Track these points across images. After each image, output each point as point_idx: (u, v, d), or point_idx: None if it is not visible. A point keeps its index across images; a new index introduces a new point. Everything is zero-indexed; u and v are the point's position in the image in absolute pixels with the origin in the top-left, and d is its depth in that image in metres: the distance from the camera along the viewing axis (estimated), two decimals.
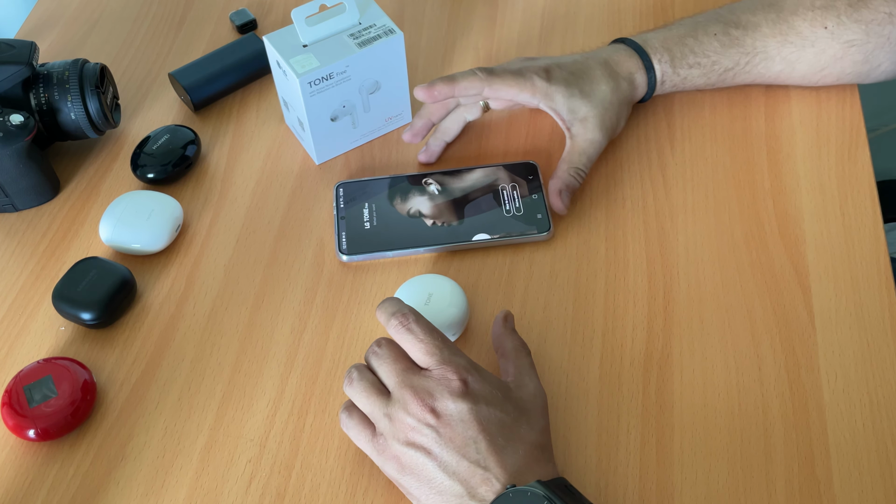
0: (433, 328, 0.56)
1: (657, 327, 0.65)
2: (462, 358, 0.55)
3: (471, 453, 0.51)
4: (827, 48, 0.72)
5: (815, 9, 0.72)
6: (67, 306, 0.67)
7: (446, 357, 0.55)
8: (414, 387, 0.53)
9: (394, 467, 0.54)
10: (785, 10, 0.73)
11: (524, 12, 0.90)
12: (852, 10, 0.71)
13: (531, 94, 0.71)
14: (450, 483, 0.51)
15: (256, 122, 0.82)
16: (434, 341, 0.55)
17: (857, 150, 0.74)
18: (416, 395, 0.53)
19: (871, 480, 0.57)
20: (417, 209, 0.73)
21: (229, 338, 0.67)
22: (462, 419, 0.52)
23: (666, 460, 0.59)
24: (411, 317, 0.56)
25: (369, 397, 0.55)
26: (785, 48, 0.73)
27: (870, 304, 0.65)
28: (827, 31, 0.71)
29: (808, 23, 0.72)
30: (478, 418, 0.52)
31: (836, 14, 0.71)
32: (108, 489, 0.60)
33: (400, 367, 0.55)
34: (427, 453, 0.52)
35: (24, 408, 0.62)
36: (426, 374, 0.54)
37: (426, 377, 0.54)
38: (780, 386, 0.62)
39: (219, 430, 0.62)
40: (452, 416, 0.52)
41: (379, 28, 0.73)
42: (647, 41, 0.74)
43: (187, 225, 0.75)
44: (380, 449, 0.55)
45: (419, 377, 0.54)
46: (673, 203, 0.73)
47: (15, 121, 0.72)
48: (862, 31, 0.71)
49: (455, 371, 0.54)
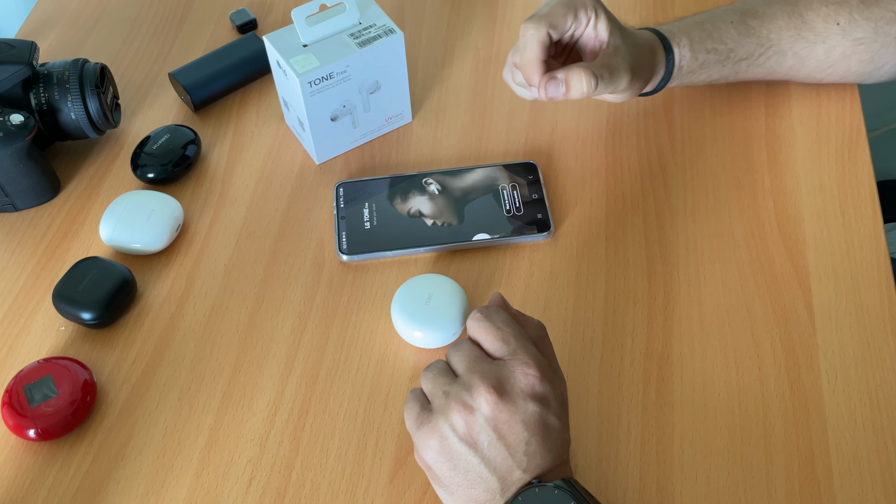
0: (512, 321, 0.53)
1: (657, 327, 0.65)
2: (535, 350, 0.52)
3: (518, 454, 0.49)
4: (837, 45, 0.72)
5: (829, 4, 0.72)
6: (67, 306, 0.67)
7: (522, 346, 0.51)
8: (484, 372, 0.50)
9: (433, 448, 0.50)
10: (800, 4, 0.73)
11: (524, 12, 0.90)
12: (864, 6, 0.71)
13: (584, 11, 0.66)
14: (488, 477, 0.49)
15: (256, 122, 0.82)
16: (512, 330, 0.52)
17: (857, 150, 0.74)
18: (484, 379, 0.49)
19: (871, 480, 0.57)
20: (417, 209, 0.73)
21: (229, 338, 0.67)
22: (524, 420, 0.49)
23: (666, 460, 0.59)
24: (493, 309, 0.53)
25: (435, 378, 0.52)
26: (797, 43, 0.73)
27: (870, 304, 0.65)
28: (839, 28, 0.71)
29: (822, 18, 0.72)
30: (539, 420, 0.49)
31: (848, 10, 0.71)
32: (108, 489, 0.60)
33: (473, 354, 0.51)
34: (473, 444, 0.49)
35: (24, 408, 0.62)
36: (499, 362, 0.51)
37: (500, 365, 0.50)
38: (780, 386, 0.62)
39: (219, 430, 0.63)
40: (516, 413, 0.49)
41: (379, 28, 0.73)
42: (665, 29, 0.73)
43: (187, 225, 0.75)
44: (424, 424, 0.51)
45: (491, 364, 0.51)
46: (673, 203, 0.73)
47: (15, 121, 0.72)
48: (871, 30, 0.71)
49: (533, 364, 0.50)
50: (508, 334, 0.52)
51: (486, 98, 0.82)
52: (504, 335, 0.52)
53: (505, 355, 0.51)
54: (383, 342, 0.66)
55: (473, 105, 0.82)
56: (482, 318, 0.53)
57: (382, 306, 0.68)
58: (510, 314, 0.54)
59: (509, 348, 0.51)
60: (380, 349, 0.66)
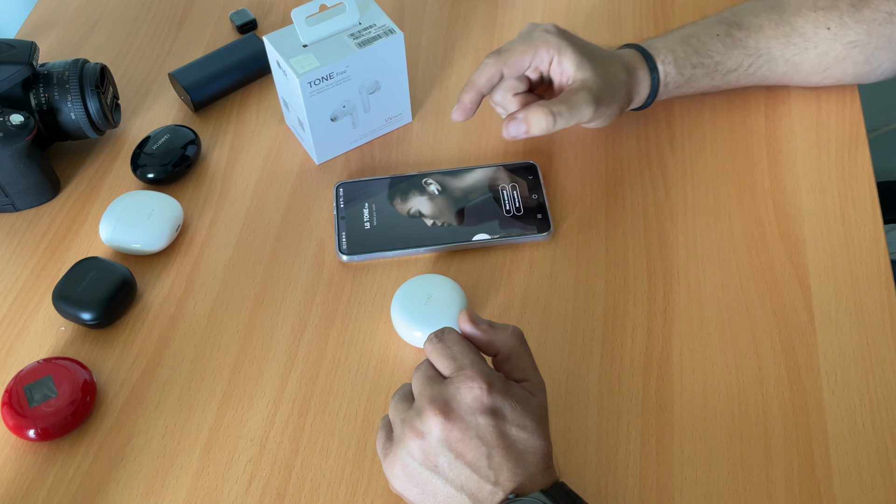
0: (464, 339, 0.54)
1: (657, 327, 0.65)
2: (485, 363, 0.52)
3: (482, 468, 0.49)
4: (830, 49, 0.72)
5: (818, 10, 0.71)
6: (67, 306, 0.67)
7: (469, 362, 0.51)
8: (432, 395, 0.50)
9: (398, 477, 0.52)
10: (787, 11, 0.72)
11: (524, 12, 0.90)
12: (854, 10, 0.71)
13: (546, 50, 0.69)
14: (457, 496, 0.50)
15: (256, 122, 0.82)
16: (459, 347, 0.52)
17: (857, 150, 0.74)
18: (431, 403, 0.50)
19: (871, 480, 0.57)
20: (417, 209, 0.73)
21: (229, 338, 0.67)
22: (479, 435, 0.49)
23: (666, 460, 0.59)
24: (446, 330, 0.54)
25: (396, 405, 0.53)
26: (788, 49, 0.73)
27: (870, 304, 0.65)
28: (830, 32, 0.71)
29: (811, 24, 0.72)
30: (497, 433, 0.49)
31: (838, 15, 0.71)
32: (108, 489, 0.60)
33: (426, 376, 0.52)
34: (434, 468, 0.50)
35: (24, 408, 0.62)
36: (446, 381, 0.51)
37: (446, 384, 0.51)
38: (780, 386, 0.62)
39: (219, 430, 0.63)
40: (469, 429, 0.49)
41: (379, 28, 0.73)
42: (650, 45, 0.74)
43: (187, 225, 0.75)
44: (388, 454, 0.52)
45: (440, 385, 0.51)
46: (673, 203, 0.73)
47: (15, 121, 0.72)
48: (864, 32, 0.71)
49: (479, 377, 0.50)
50: (457, 352, 0.52)
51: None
52: (452, 353, 0.52)
53: (452, 373, 0.51)
54: (383, 342, 0.66)
55: None
56: (435, 339, 0.54)
57: (382, 306, 0.68)
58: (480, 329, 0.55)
59: (456, 365, 0.52)
60: (380, 349, 0.66)
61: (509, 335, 0.55)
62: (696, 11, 0.87)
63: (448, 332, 0.54)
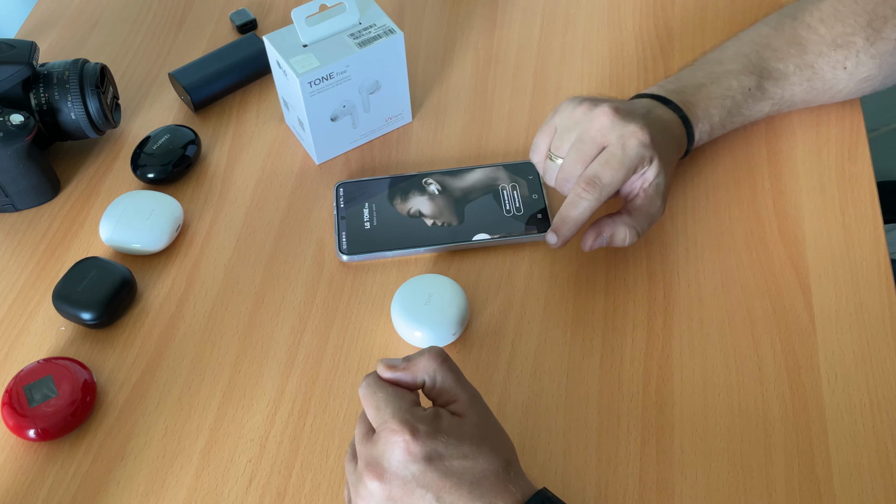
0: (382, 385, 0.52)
1: (657, 327, 0.65)
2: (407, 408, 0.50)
3: None
4: (843, 88, 0.72)
5: (837, 47, 0.70)
6: (67, 306, 0.67)
7: (389, 412, 0.50)
8: (367, 458, 0.50)
9: None
10: (809, 51, 0.71)
11: (524, 12, 0.90)
12: (869, 44, 0.70)
13: (641, 167, 0.64)
14: None
15: (256, 122, 0.82)
16: (382, 394, 0.51)
17: (857, 149, 0.74)
18: (367, 467, 0.49)
19: (871, 480, 0.57)
20: (417, 209, 0.73)
21: (229, 338, 0.67)
22: (421, 484, 0.48)
23: (666, 460, 0.59)
24: (371, 377, 0.53)
25: (347, 465, 0.54)
26: (808, 94, 0.73)
27: (870, 304, 0.65)
28: (846, 72, 0.71)
29: (831, 66, 0.71)
30: (437, 475, 0.48)
31: (855, 52, 0.70)
32: (108, 489, 0.60)
33: (360, 433, 0.52)
34: None
35: (24, 408, 0.62)
36: (374, 438, 0.50)
37: (374, 442, 0.50)
38: (780, 386, 0.62)
39: (219, 430, 0.62)
40: (408, 483, 0.48)
41: (379, 28, 0.73)
42: (691, 105, 0.70)
43: (187, 225, 0.75)
44: None
45: (370, 444, 0.50)
46: (673, 203, 0.73)
47: (15, 121, 0.72)
48: (875, 66, 0.71)
49: (398, 427, 0.49)
50: (380, 399, 0.51)
51: (486, 98, 0.82)
52: (376, 401, 0.51)
53: (378, 425, 0.50)
54: (383, 342, 0.66)
55: (473, 105, 0.82)
56: (363, 387, 0.52)
57: (382, 306, 0.68)
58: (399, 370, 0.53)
59: (380, 416, 0.50)
60: (380, 349, 0.66)
61: (427, 360, 0.52)
62: (696, 11, 0.87)
63: (372, 378, 0.53)
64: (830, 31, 0.71)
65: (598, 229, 0.65)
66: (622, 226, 0.65)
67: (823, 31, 0.71)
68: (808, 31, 0.71)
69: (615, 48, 0.85)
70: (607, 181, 0.63)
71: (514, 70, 0.84)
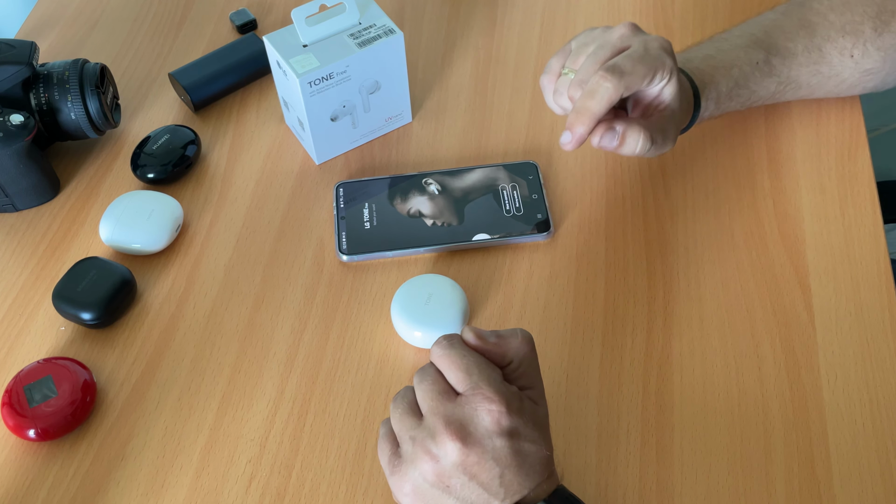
0: (471, 351, 0.51)
1: (657, 327, 0.65)
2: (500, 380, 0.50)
3: (494, 487, 0.48)
4: (848, 77, 0.72)
5: (846, 34, 0.70)
6: (67, 306, 0.67)
7: (483, 378, 0.49)
8: (447, 415, 0.48)
9: (407, 494, 0.50)
10: (817, 34, 0.71)
11: (524, 12, 0.90)
12: (876, 35, 0.70)
13: (661, 73, 0.61)
14: None
15: (256, 122, 0.82)
16: (473, 358, 0.50)
17: (857, 150, 0.74)
18: (447, 425, 0.48)
19: (871, 480, 0.57)
20: (417, 209, 0.73)
21: (229, 338, 0.67)
22: (494, 457, 0.48)
23: (666, 460, 0.59)
24: (455, 339, 0.51)
25: (402, 417, 0.51)
26: (813, 78, 0.72)
27: (870, 304, 0.65)
28: (852, 60, 0.71)
29: (838, 51, 0.71)
30: (510, 452, 0.48)
31: (862, 41, 0.70)
32: (108, 489, 0.60)
33: (436, 390, 0.50)
34: (446, 489, 0.48)
35: (24, 408, 0.62)
36: (460, 400, 0.49)
37: (460, 404, 0.49)
38: (780, 386, 0.62)
39: (219, 430, 0.63)
40: (486, 453, 0.48)
41: (379, 28, 0.73)
42: (700, 75, 0.69)
43: (187, 225, 0.75)
44: (396, 470, 0.50)
45: (453, 404, 0.49)
46: (673, 203, 0.73)
47: (15, 121, 0.72)
48: (880, 59, 0.71)
49: (497, 398, 0.48)
50: (470, 363, 0.50)
51: (486, 98, 0.82)
52: (466, 364, 0.50)
53: (466, 389, 0.49)
54: (383, 342, 0.66)
55: (473, 105, 0.82)
56: (446, 345, 0.51)
57: (382, 306, 0.68)
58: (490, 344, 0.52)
59: (471, 380, 0.49)
60: (380, 349, 0.66)
61: (521, 342, 0.52)
62: (696, 11, 0.87)
63: (458, 341, 0.51)
64: (840, 17, 0.71)
65: (610, 123, 0.61)
66: (636, 126, 0.61)
67: (833, 17, 0.71)
68: (817, 16, 0.71)
69: None
70: (629, 69, 0.60)
71: (514, 70, 0.84)
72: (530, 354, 0.52)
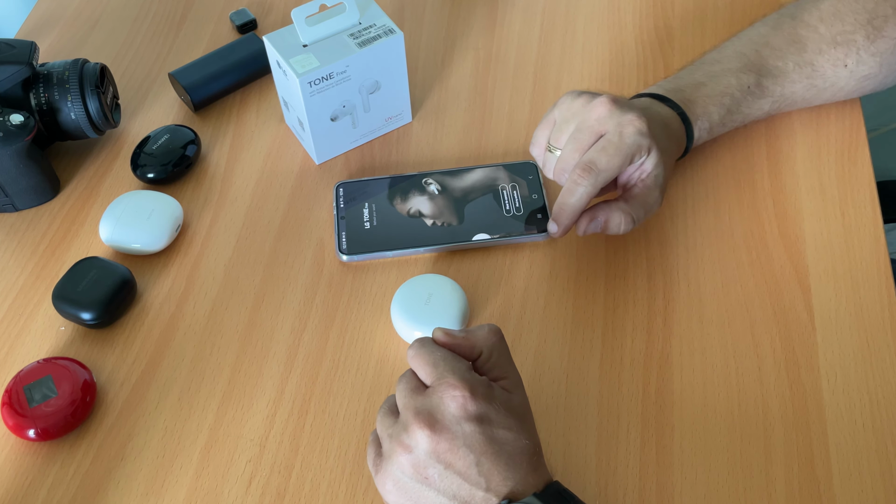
0: (439, 347, 0.53)
1: (657, 327, 0.65)
2: (466, 369, 0.51)
3: (473, 476, 0.49)
4: (844, 86, 0.72)
5: (837, 45, 0.70)
6: (67, 306, 0.67)
7: (448, 368, 0.51)
8: (416, 408, 0.50)
9: (391, 492, 0.51)
10: (808, 49, 0.71)
11: (524, 12, 0.90)
12: (869, 42, 0.70)
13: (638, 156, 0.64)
14: None
15: (256, 122, 0.82)
16: (440, 353, 0.52)
17: (857, 150, 0.74)
18: (416, 416, 0.49)
19: (871, 480, 0.57)
20: (417, 209, 0.73)
21: (229, 338, 0.67)
22: (466, 443, 0.49)
23: (666, 460, 0.59)
24: (426, 339, 0.54)
25: (382, 419, 0.53)
26: (808, 91, 0.73)
27: (870, 304, 0.65)
28: (847, 70, 0.71)
29: (831, 63, 0.71)
30: (483, 438, 0.49)
31: (855, 50, 0.70)
32: (108, 489, 0.60)
33: (408, 387, 0.52)
34: (425, 480, 0.49)
35: (24, 408, 0.62)
36: (428, 391, 0.51)
37: (428, 395, 0.50)
38: (780, 386, 0.62)
39: (219, 430, 0.63)
40: (456, 439, 0.49)
41: (379, 28, 0.73)
42: (688, 103, 0.69)
43: (187, 225, 0.75)
44: (378, 470, 0.52)
45: (423, 396, 0.51)
46: (673, 203, 0.73)
47: (15, 121, 0.72)
48: (876, 64, 0.71)
49: (461, 384, 0.49)
50: (438, 358, 0.52)
51: (486, 98, 0.82)
52: (433, 359, 0.51)
53: (434, 381, 0.51)
54: (383, 342, 0.66)
55: (473, 105, 0.82)
56: (417, 346, 0.53)
57: (382, 306, 0.68)
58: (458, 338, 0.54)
59: (437, 372, 0.51)
60: (380, 349, 0.66)
61: (488, 333, 0.54)
62: (696, 10, 0.87)
63: (427, 340, 0.54)
64: (830, 29, 0.70)
65: (593, 213, 0.65)
66: (617, 211, 0.65)
67: (823, 29, 0.71)
68: (807, 29, 0.71)
69: (615, 48, 0.85)
70: (603, 166, 0.63)
71: (514, 70, 0.84)
72: (499, 344, 0.54)
